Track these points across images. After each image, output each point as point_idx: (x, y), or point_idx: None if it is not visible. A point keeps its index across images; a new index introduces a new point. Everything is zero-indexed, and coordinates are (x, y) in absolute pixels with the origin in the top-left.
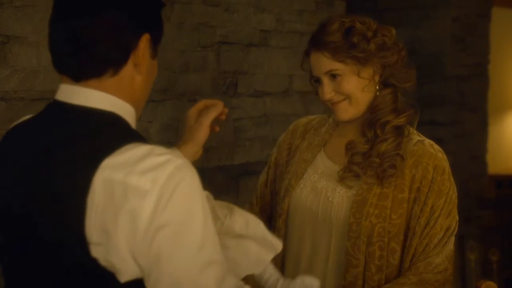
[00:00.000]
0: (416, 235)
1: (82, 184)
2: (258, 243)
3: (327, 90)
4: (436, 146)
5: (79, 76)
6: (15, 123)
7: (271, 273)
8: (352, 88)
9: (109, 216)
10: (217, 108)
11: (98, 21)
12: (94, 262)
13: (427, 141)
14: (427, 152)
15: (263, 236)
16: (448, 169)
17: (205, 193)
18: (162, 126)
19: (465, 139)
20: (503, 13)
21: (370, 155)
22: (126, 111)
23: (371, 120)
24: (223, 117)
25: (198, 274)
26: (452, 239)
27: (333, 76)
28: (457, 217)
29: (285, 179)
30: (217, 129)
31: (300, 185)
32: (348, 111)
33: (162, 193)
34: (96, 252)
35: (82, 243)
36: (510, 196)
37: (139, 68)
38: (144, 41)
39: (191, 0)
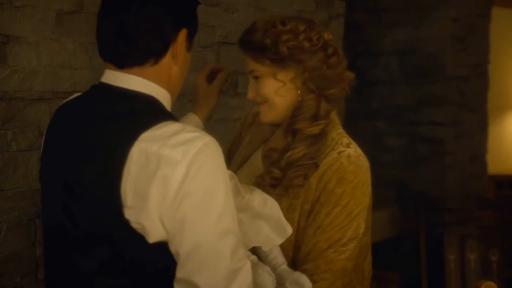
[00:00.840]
0: (303, 244)
1: (121, 154)
2: (270, 225)
3: (250, 90)
4: (354, 159)
5: (124, 64)
6: (64, 101)
7: (276, 255)
8: (269, 91)
9: (143, 182)
10: (224, 73)
11: (142, 16)
12: (126, 223)
13: (348, 152)
14: (337, 163)
15: (277, 218)
16: (356, 182)
17: (229, 172)
18: None
19: (465, 139)
20: (503, 13)
21: (277, 165)
22: (162, 95)
23: (287, 127)
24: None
25: (216, 240)
26: (344, 251)
27: (255, 77)
28: (356, 233)
29: None
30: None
31: None
32: (267, 114)
33: (191, 165)
34: (129, 214)
35: (117, 206)
36: (510, 196)
37: (176, 60)
38: (182, 35)
39: None
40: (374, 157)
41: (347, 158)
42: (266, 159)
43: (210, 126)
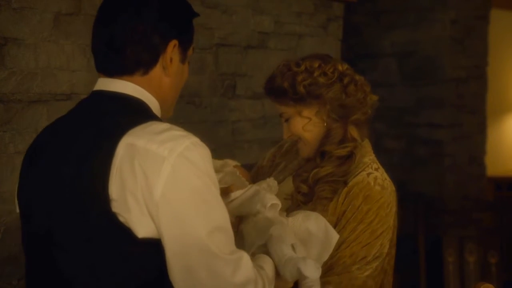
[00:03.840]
0: None
1: (109, 148)
2: (319, 238)
3: (285, 131)
4: (380, 181)
5: (113, 74)
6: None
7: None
8: (298, 129)
9: (129, 177)
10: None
11: (130, 28)
12: (114, 217)
13: (375, 175)
14: (364, 182)
15: (324, 226)
16: (382, 202)
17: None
18: None
19: (464, 141)
20: (501, 15)
21: (305, 181)
22: (151, 102)
23: (316, 150)
24: None
25: (206, 238)
26: (368, 269)
27: (286, 119)
28: (381, 252)
29: None
30: None
31: None
32: (304, 150)
33: (177, 162)
34: (115, 207)
35: (105, 199)
36: (509, 198)
37: (167, 71)
38: (172, 46)
39: (190, 2)
40: None
41: (374, 179)
42: (296, 178)
43: (209, 128)
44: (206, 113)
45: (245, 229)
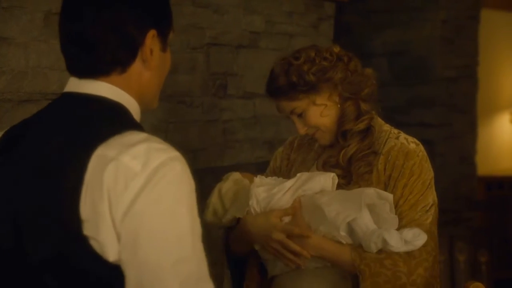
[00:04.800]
0: None
1: (81, 162)
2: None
3: (299, 127)
4: (411, 139)
5: (87, 75)
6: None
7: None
8: (315, 118)
9: (97, 192)
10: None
11: (102, 22)
12: (85, 240)
13: (403, 136)
14: (398, 144)
15: (377, 195)
16: (422, 156)
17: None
18: (151, 127)
19: (454, 141)
20: (492, 15)
21: (337, 165)
22: (131, 104)
23: (336, 133)
24: None
25: (171, 267)
26: (428, 216)
27: (298, 115)
28: (433, 200)
29: None
30: None
31: None
32: (324, 138)
33: (150, 178)
34: (86, 229)
35: (76, 220)
36: (499, 197)
37: (148, 64)
38: (150, 38)
39: (181, 2)
40: None
41: (405, 139)
42: (324, 166)
43: (200, 128)
44: (197, 112)
45: (323, 204)
